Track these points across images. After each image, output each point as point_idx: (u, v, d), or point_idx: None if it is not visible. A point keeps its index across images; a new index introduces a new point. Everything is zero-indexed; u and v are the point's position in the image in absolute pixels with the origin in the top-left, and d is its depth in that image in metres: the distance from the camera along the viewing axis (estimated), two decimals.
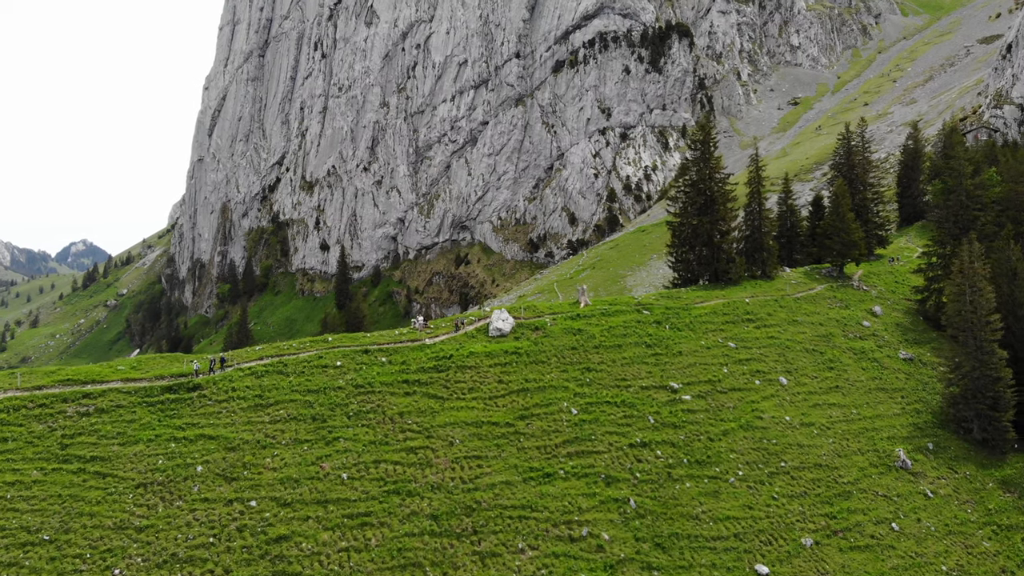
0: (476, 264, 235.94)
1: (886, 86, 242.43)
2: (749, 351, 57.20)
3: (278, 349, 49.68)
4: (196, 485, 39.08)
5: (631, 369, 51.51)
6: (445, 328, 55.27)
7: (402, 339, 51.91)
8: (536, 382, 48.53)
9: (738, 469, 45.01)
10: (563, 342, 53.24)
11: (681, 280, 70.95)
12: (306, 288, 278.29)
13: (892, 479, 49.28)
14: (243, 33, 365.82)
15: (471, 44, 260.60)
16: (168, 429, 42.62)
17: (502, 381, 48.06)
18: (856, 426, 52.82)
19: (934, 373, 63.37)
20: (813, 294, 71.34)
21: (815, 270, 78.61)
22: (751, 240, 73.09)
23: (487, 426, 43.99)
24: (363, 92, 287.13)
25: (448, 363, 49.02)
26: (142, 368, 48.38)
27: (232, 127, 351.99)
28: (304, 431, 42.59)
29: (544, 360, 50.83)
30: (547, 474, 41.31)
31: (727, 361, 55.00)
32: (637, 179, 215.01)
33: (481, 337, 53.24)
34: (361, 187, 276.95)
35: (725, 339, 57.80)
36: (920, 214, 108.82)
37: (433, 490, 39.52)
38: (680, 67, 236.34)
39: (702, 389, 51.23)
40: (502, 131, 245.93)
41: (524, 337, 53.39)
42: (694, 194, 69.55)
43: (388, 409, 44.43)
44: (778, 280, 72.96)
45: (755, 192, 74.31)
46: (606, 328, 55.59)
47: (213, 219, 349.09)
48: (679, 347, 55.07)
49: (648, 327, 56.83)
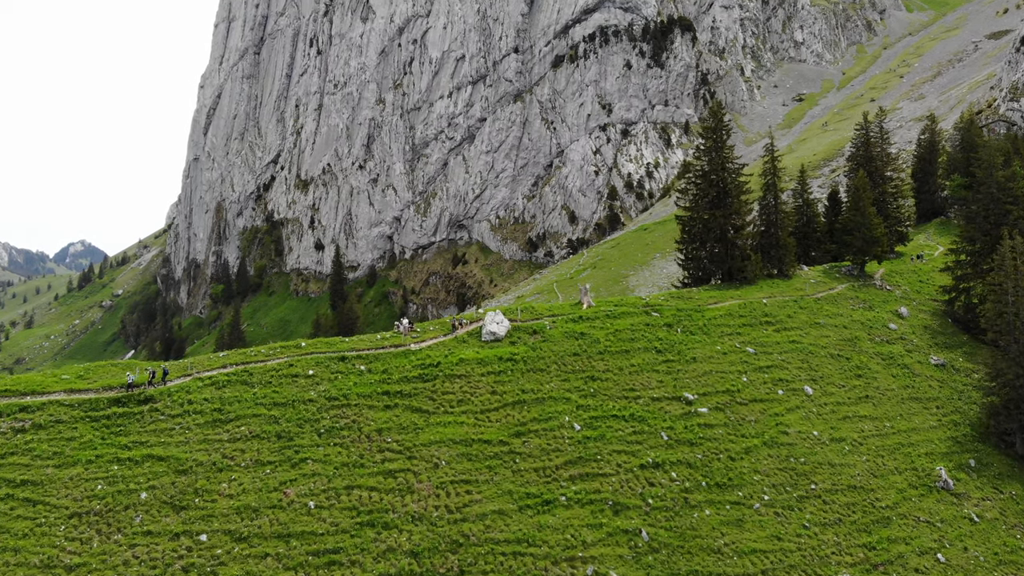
0: (474, 264, 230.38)
1: (893, 82, 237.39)
2: (770, 357, 51.79)
3: (244, 356, 44.23)
4: (139, 515, 33.70)
5: (640, 378, 46.07)
6: (434, 332, 49.84)
7: (384, 344, 46.44)
8: (534, 393, 43.13)
9: (763, 493, 39.59)
10: (564, 347, 47.84)
11: (692, 279, 65.35)
12: (301, 288, 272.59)
13: (933, 502, 43.93)
14: (238, 30, 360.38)
15: (469, 39, 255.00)
16: (112, 448, 37.20)
17: (496, 392, 42.63)
18: (891, 441, 47.45)
19: (969, 380, 58.10)
20: (834, 294, 65.97)
21: (834, 268, 73.32)
22: (767, 236, 67.66)
23: (478, 445, 38.53)
24: (359, 89, 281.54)
25: (435, 371, 43.59)
26: (89, 377, 42.95)
27: (227, 125, 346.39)
28: (267, 451, 37.15)
29: (543, 368, 45.43)
30: (546, 501, 35.87)
31: (746, 368, 49.58)
32: (639, 176, 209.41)
33: (473, 342, 47.82)
34: (356, 185, 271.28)
35: (743, 344, 52.39)
36: (938, 210, 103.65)
37: (414, 521, 34.08)
38: (682, 62, 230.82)
39: (720, 400, 45.81)
40: (500, 128, 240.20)
41: (521, 342, 47.99)
42: (705, 186, 64.04)
43: (365, 425, 38.96)
44: (796, 279, 67.59)
45: (771, 184, 68.94)
46: (612, 332, 50.15)
47: (208, 219, 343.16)
48: (693, 353, 49.62)
49: (658, 330, 51.39)
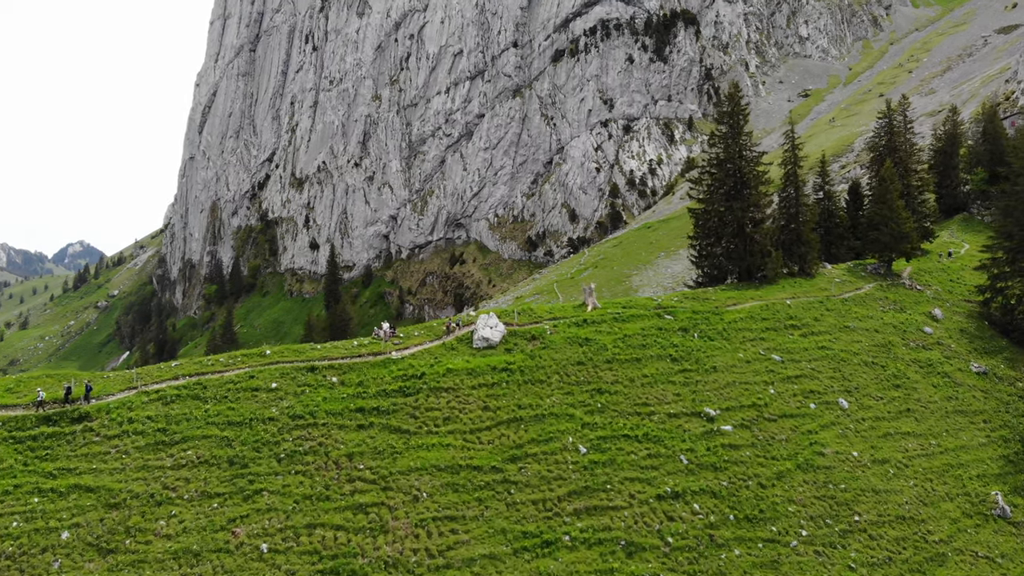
0: (472, 264, 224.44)
1: (902, 76, 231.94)
2: (798, 366, 46.07)
3: (199, 366, 38.42)
4: (57, 560, 28.03)
5: (654, 390, 40.34)
6: (419, 337, 44.07)
7: (361, 352, 40.68)
8: (533, 409, 37.38)
9: (801, 527, 33.85)
10: (567, 355, 42.12)
11: (706, 278, 59.51)
12: (295, 289, 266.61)
13: (991, 532, 38.22)
14: (234, 27, 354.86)
15: (467, 33, 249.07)
16: (33, 477, 31.50)
17: (488, 408, 36.87)
18: (938, 462, 41.72)
19: (1014, 390, 52.41)
20: (862, 294, 60.26)
21: (858, 266, 67.62)
22: (787, 231, 61.90)
23: (466, 472, 32.77)
24: (354, 85, 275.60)
25: (418, 384, 37.81)
26: (19, 391, 37.18)
27: (222, 123, 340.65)
28: (216, 480, 31.41)
29: (543, 379, 39.69)
30: (547, 542, 30.13)
31: (773, 379, 43.87)
32: (641, 173, 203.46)
33: (463, 349, 42.08)
34: (352, 183, 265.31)
35: (768, 351, 46.67)
36: (961, 206, 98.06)
37: (388, 568, 28.37)
38: (686, 56, 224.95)
39: (745, 416, 40.09)
40: (499, 124, 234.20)
41: (517, 349, 42.25)
42: (721, 175, 58.23)
43: (333, 449, 33.20)
44: (819, 278, 61.86)
45: (791, 175, 63.18)
46: (620, 337, 44.43)
47: (203, 218, 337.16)
48: (712, 361, 43.90)
49: (672, 336, 45.65)
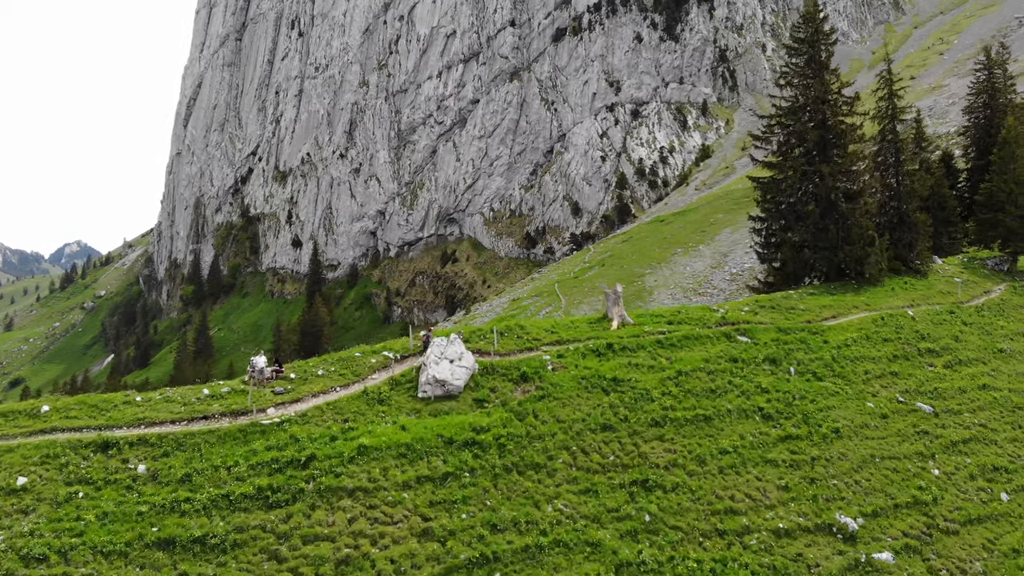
0: (465, 262, 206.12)
1: (932, 59, 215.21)
2: (959, 419, 28.02)
3: None
4: None
5: (741, 481, 22.15)
6: (328, 378, 25.72)
7: (211, 409, 22.52)
8: (519, 532, 19.18)
9: None
10: (582, 411, 23.93)
11: (779, 277, 41.17)
12: (276, 290, 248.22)
13: None
14: (220, 16, 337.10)
15: (460, 13, 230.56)
16: None
17: (428, 533, 18.69)
18: None
19: None
20: (995, 300, 42.21)
21: (974, 261, 49.72)
22: (886, 211, 43.88)
23: None
24: (341, 71, 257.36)
25: (299, 479, 19.61)
26: None
27: (207, 116, 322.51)
28: None
29: (539, 462, 21.50)
30: None
31: (930, 449, 25.77)
32: (651, 162, 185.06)
33: (400, 401, 23.90)
34: (337, 176, 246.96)
35: (908, 395, 28.57)
36: None
37: None
38: (699, 35, 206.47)
39: (906, 526, 21.98)
40: (495, 110, 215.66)
41: (496, 400, 24.09)
42: (799, 128, 40.12)
43: None
44: (933, 277, 43.84)
45: (889, 131, 45.12)
46: (672, 376, 26.19)
47: (187, 215, 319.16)
48: (831, 419, 25.73)
49: (758, 372, 27.48)
